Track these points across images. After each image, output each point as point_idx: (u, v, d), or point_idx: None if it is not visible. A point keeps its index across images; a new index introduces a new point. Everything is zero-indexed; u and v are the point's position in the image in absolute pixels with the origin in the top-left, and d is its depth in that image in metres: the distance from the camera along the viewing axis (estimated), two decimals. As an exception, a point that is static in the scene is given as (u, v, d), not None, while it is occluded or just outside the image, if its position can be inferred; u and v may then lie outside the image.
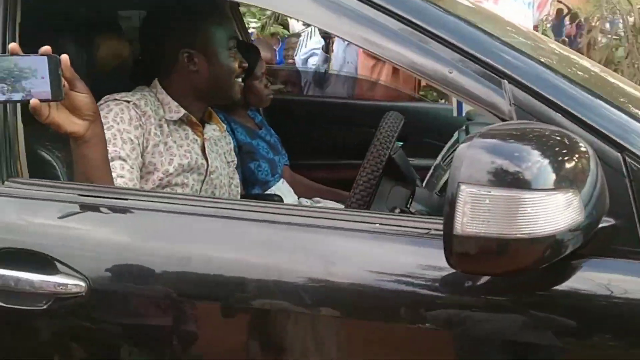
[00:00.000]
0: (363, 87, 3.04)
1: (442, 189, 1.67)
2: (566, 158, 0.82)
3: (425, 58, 1.02)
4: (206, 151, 1.56)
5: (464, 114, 2.14)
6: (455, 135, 1.82)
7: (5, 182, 1.11)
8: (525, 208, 0.74)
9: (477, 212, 0.74)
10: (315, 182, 2.44)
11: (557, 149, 0.82)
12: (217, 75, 1.51)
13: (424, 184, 1.88)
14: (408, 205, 1.37)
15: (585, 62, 1.44)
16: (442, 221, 0.81)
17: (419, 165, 2.19)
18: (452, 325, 0.92)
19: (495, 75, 0.99)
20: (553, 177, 0.77)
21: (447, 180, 1.66)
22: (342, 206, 2.22)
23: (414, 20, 1.02)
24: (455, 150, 1.73)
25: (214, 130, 1.62)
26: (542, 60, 1.06)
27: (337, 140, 2.61)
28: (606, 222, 0.90)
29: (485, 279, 0.89)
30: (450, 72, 1.01)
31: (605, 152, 0.93)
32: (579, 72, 1.23)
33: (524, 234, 0.74)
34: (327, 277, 0.97)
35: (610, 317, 0.89)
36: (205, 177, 1.53)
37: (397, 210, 1.28)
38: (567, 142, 0.84)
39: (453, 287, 0.93)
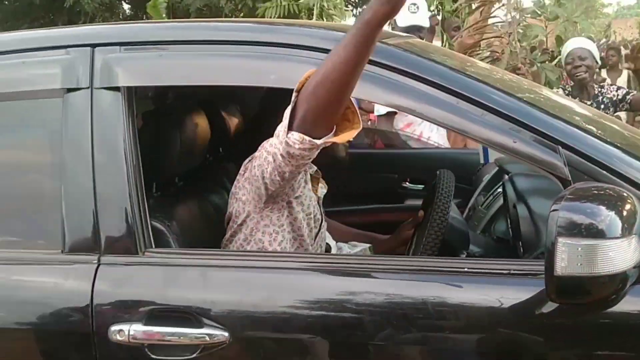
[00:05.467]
0: (380, 136, 3.30)
1: (483, 229, 1.92)
2: (622, 208, 1.06)
3: (492, 132, 1.28)
4: (321, 206, 1.73)
5: (490, 160, 2.40)
6: (492, 181, 2.07)
7: (146, 253, 1.33)
8: (606, 252, 0.98)
9: (572, 258, 0.98)
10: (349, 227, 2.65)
11: (614, 202, 1.06)
12: None
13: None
14: (468, 246, 1.60)
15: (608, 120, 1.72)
16: (515, 262, 1.06)
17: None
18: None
19: (551, 143, 1.25)
20: (619, 226, 1.02)
21: (487, 221, 1.92)
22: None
23: (485, 102, 1.28)
24: (494, 196, 1.99)
25: (322, 188, 1.77)
26: (583, 126, 1.32)
27: (362, 187, 2.84)
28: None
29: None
30: (515, 142, 1.26)
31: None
32: (609, 131, 1.49)
33: (605, 272, 0.99)
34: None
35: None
36: (319, 230, 1.68)
37: (465, 254, 1.51)
38: (619, 195, 1.09)
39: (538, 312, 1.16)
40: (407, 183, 2.83)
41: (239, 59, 1.42)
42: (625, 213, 1.05)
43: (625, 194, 1.10)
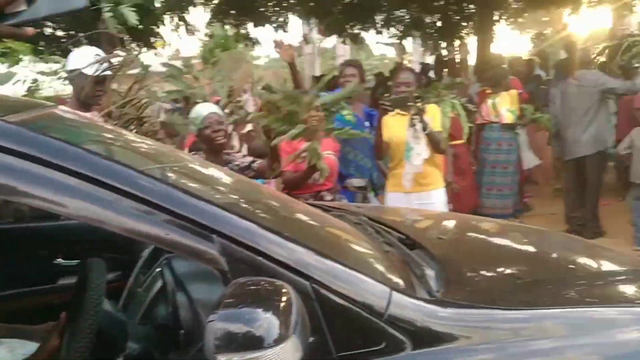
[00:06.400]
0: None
1: (145, 314, 1.74)
2: (279, 303, 1.01)
3: (143, 224, 1.13)
4: None
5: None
6: (152, 257, 1.90)
7: None
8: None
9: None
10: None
11: (270, 299, 1.01)
12: None
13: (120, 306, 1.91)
14: (126, 344, 1.41)
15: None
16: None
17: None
18: None
19: (205, 232, 1.15)
20: (276, 327, 0.96)
21: (148, 306, 1.74)
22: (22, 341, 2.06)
23: (135, 193, 1.12)
24: (154, 276, 1.82)
25: None
26: (247, 215, 1.27)
27: (6, 271, 2.39)
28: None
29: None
30: (168, 234, 1.13)
31: (297, 283, 1.17)
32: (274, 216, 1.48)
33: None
34: None
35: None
36: None
37: (122, 358, 1.31)
38: (275, 289, 1.04)
39: None
40: (60, 259, 2.48)
41: None
42: (281, 308, 1.00)
43: (279, 285, 1.05)
